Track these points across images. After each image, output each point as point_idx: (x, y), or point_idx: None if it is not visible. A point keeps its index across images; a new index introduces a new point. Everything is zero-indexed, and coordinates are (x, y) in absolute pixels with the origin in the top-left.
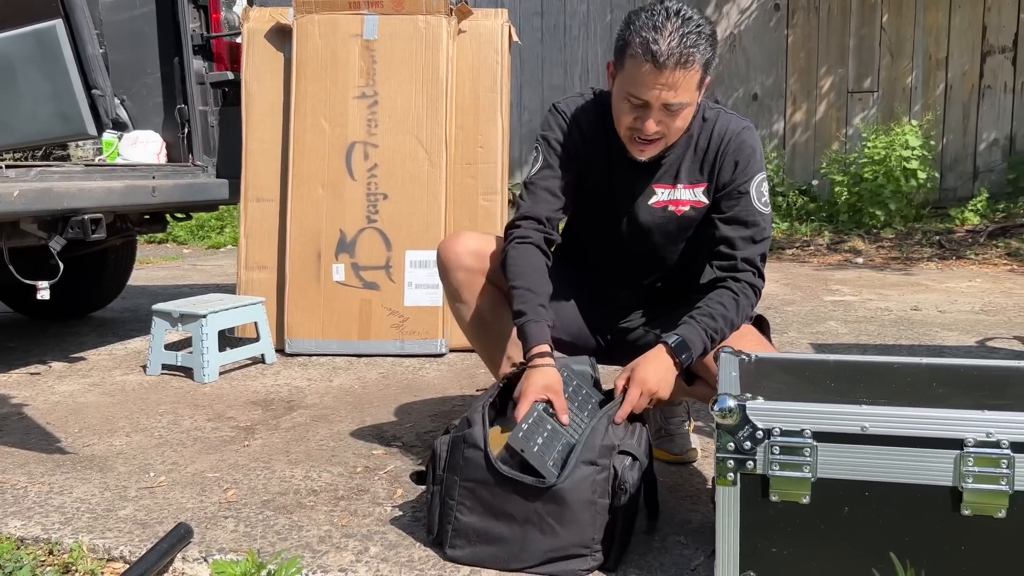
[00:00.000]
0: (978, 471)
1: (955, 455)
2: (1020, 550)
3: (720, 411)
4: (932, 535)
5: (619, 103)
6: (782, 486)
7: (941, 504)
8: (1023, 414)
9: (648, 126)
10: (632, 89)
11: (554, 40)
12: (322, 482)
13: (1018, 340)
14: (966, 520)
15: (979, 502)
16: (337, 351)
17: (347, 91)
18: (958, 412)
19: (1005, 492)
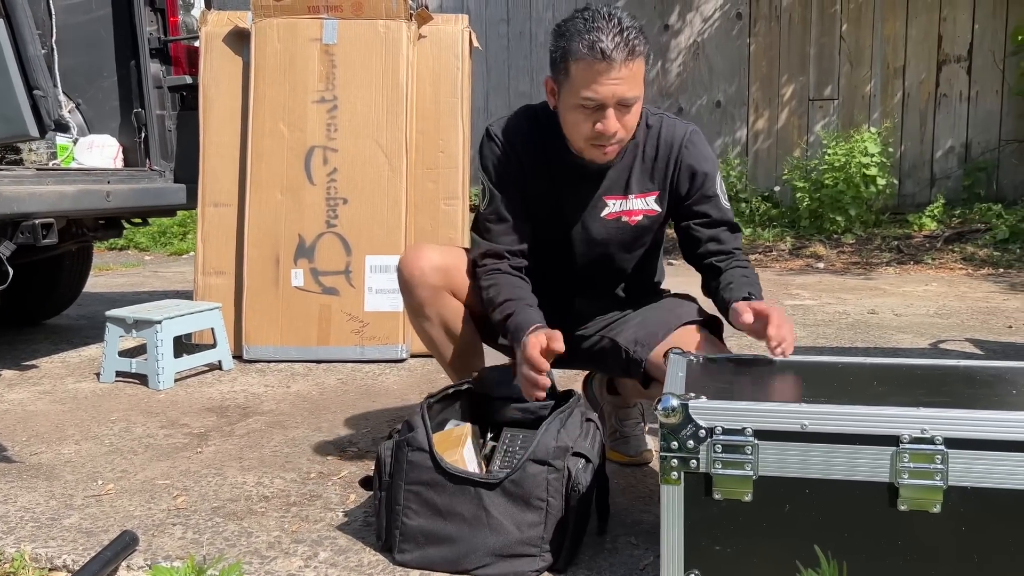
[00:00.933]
0: (913, 467)
1: (891, 451)
2: (954, 544)
3: (664, 410)
4: (870, 530)
5: (571, 114)
6: (725, 484)
7: (879, 500)
8: (957, 410)
9: (609, 125)
10: (585, 92)
11: (520, 47)
12: (274, 488)
13: (969, 342)
14: (903, 515)
15: (915, 497)
16: (296, 357)
17: (306, 95)
18: (894, 409)
19: (940, 487)
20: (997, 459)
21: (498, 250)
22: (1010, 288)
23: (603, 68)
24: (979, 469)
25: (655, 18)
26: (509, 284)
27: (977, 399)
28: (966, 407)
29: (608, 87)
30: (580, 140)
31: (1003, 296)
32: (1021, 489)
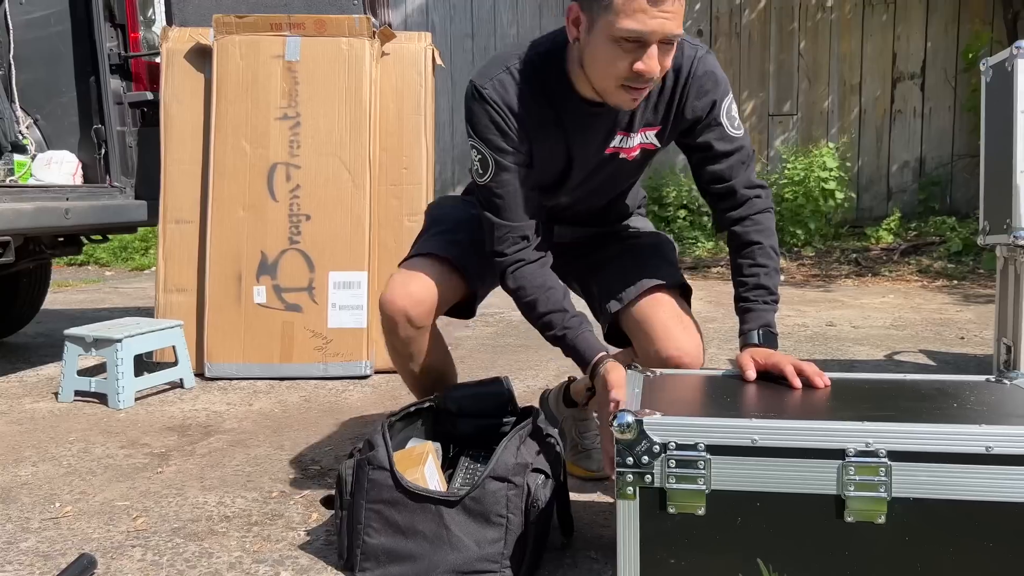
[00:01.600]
0: (859, 479)
1: (838, 465)
2: (899, 553)
3: (619, 427)
4: (819, 542)
5: (606, 49)
6: (679, 498)
7: (826, 512)
8: (900, 424)
9: (652, 64)
10: (628, 26)
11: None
12: (236, 508)
13: (923, 353)
14: (849, 526)
15: (861, 509)
16: (258, 374)
17: (269, 112)
18: (840, 424)
19: (884, 499)
20: (937, 471)
21: (517, 233)
22: (963, 300)
23: (645, 12)
24: (921, 480)
25: None
26: (544, 291)
27: (920, 412)
28: (908, 421)
29: (658, 20)
30: (610, 80)
31: (956, 308)
32: (959, 499)
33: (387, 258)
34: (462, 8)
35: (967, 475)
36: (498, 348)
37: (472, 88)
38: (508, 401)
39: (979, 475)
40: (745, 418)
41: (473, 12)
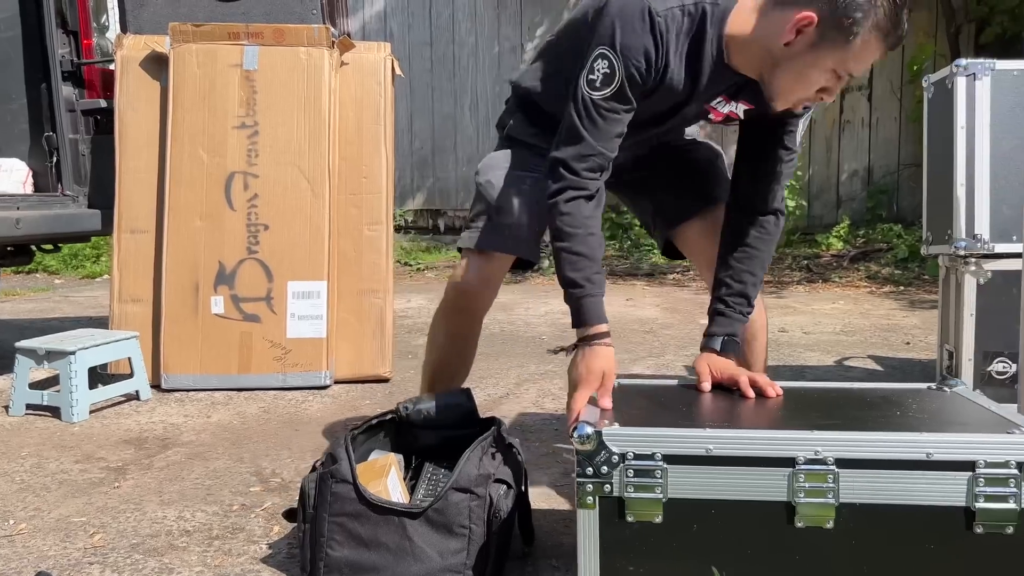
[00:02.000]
0: (808, 486)
1: (788, 472)
2: (846, 557)
3: (579, 438)
4: (771, 547)
5: (812, 74)
6: (637, 507)
7: (778, 518)
8: (846, 433)
9: (829, 99)
10: (850, 66)
11: (443, 70)
12: (196, 522)
13: (871, 359)
14: (800, 532)
15: (810, 514)
16: (216, 385)
17: (226, 121)
18: (790, 433)
19: (832, 504)
20: (882, 477)
21: (600, 160)
22: (909, 305)
23: (881, 53)
24: (867, 486)
25: None
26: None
27: (865, 421)
28: (855, 429)
29: (866, 66)
30: (792, 95)
31: (903, 313)
32: (903, 504)
33: (347, 267)
34: (420, 16)
35: (910, 480)
36: None
37: (644, 10)
38: (470, 412)
39: (920, 480)
40: (700, 428)
41: (432, 20)
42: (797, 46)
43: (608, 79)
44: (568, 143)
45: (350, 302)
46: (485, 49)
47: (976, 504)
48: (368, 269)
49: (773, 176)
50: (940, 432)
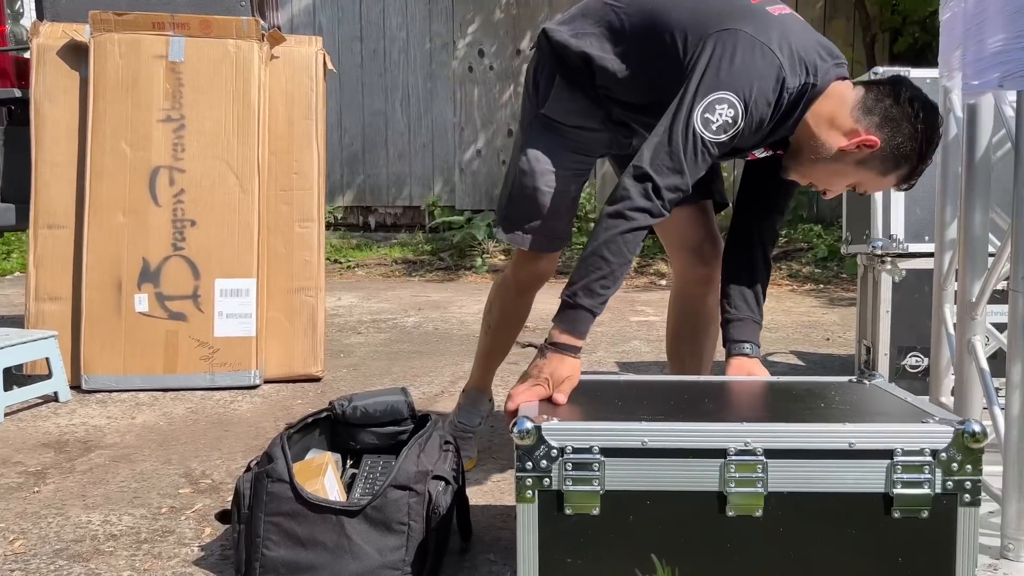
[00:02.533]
0: (739, 476)
1: (720, 463)
2: (775, 543)
3: (519, 433)
4: (703, 536)
5: (843, 180)
6: (575, 500)
7: (710, 508)
8: (774, 424)
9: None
10: (873, 187)
11: (374, 65)
12: (123, 526)
13: (793, 354)
14: (730, 520)
15: (740, 503)
16: (140, 386)
17: (151, 114)
18: (722, 425)
19: (761, 493)
20: (808, 466)
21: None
22: (828, 303)
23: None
24: (793, 475)
25: (508, 42)
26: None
27: (792, 413)
28: (782, 421)
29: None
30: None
31: (823, 310)
32: (827, 491)
33: (277, 265)
34: (350, 10)
35: (834, 469)
36: (392, 355)
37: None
38: (407, 409)
39: (844, 468)
40: (636, 422)
41: (362, 15)
42: (848, 156)
43: (727, 127)
44: (666, 168)
45: (280, 300)
46: (416, 45)
47: (894, 490)
48: (299, 266)
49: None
50: (861, 423)
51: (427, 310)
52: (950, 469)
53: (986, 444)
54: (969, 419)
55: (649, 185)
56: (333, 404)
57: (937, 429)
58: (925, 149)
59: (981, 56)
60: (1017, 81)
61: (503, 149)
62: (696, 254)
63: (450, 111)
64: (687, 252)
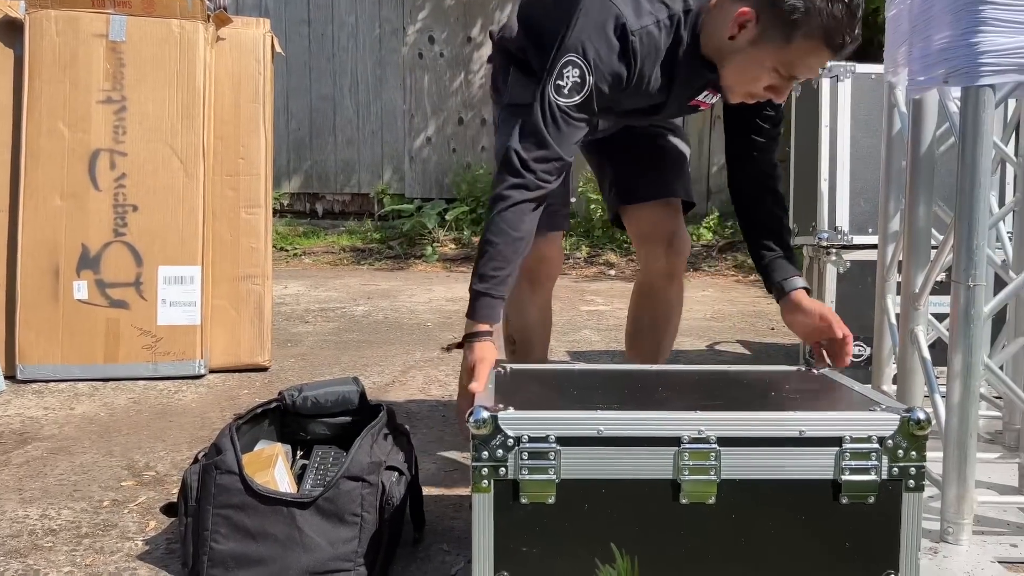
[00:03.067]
0: (692, 464)
1: (674, 451)
2: (727, 530)
3: (475, 423)
4: (658, 523)
5: (756, 69)
6: (531, 489)
7: (664, 495)
8: (727, 413)
9: (781, 97)
10: (794, 68)
11: (322, 49)
12: (62, 520)
13: (739, 343)
14: (684, 508)
15: (694, 491)
16: (80, 376)
17: (90, 95)
18: (676, 413)
19: (714, 481)
20: (759, 454)
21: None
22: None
23: (826, 57)
24: (745, 463)
25: (458, 29)
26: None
27: (744, 401)
28: (735, 409)
29: (816, 72)
30: (741, 88)
31: (767, 300)
32: (779, 479)
33: (222, 252)
34: None
35: (784, 456)
36: (341, 344)
37: (619, 27)
38: (359, 399)
39: (794, 456)
40: (591, 410)
41: None
42: (739, 41)
43: (577, 88)
44: (532, 142)
45: (226, 288)
46: (365, 30)
47: (842, 477)
48: (245, 254)
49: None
50: (811, 411)
51: (376, 299)
52: (896, 456)
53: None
54: (914, 407)
55: (516, 161)
56: (283, 394)
57: (884, 417)
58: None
59: (927, 52)
60: (962, 78)
61: (453, 137)
62: (661, 247)
63: (400, 98)
64: (652, 245)
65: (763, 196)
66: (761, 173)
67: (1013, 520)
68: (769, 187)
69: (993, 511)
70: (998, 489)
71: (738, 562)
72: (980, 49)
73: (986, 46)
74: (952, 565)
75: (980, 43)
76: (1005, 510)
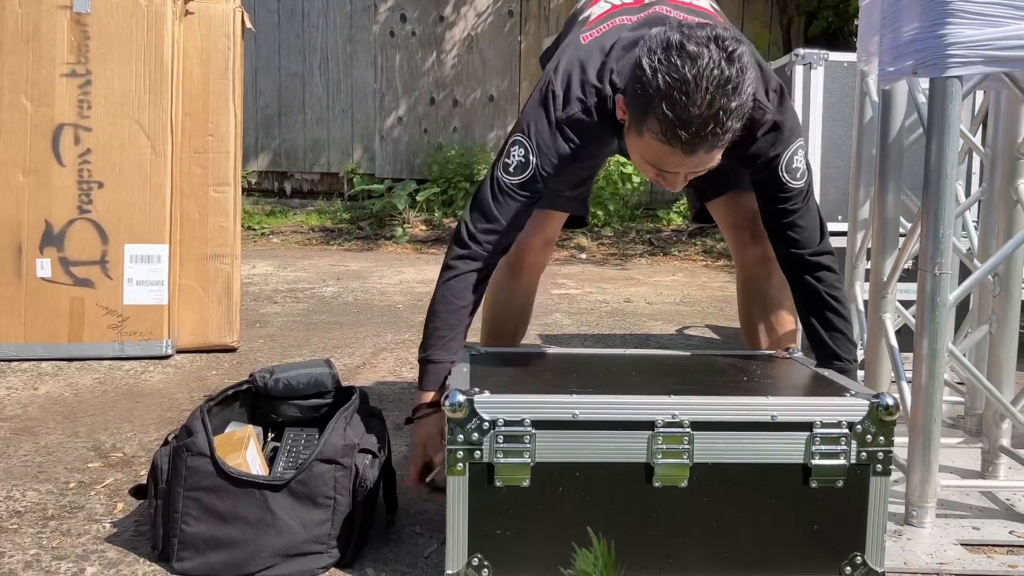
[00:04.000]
0: (666, 448)
1: (648, 435)
2: (699, 513)
3: (451, 406)
4: (631, 506)
5: (638, 159)
6: (505, 472)
7: (637, 478)
8: (701, 397)
9: (675, 187)
10: (658, 162)
11: (291, 26)
12: (27, 502)
13: (709, 328)
14: (657, 491)
15: (667, 474)
16: (43, 355)
17: (53, 68)
18: (650, 397)
19: (687, 464)
20: (732, 438)
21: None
22: None
23: (677, 155)
24: (718, 447)
25: (431, 8)
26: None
27: (717, 386)
28: (707, 394)
29: (681, 168)
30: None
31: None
32: (750, 462)
33: (190, 230)
34: None
35: (756, 440)
36: (311, 326)
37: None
38: (331, 382)
39: (766, 440)
40: (566, 394)
41: None
42: (626, 127)
43: (521, 168)
44: (479, 214)
45: (193, 267)
46: (336, 7)
47: (812, 461)
48: (214, 232)
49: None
50: (783, 396)
51: (346, 280)
52: (864, 441)
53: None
54: (883, 393)
55: (464, 232)
56: (254, 376)
57: (853, 403)
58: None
59: (897, 43)
60: (930, 69)
61: (425, 117)
62: (747, 232)
63: (370, 76)
64: (739, 231)
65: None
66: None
67: (975, 504)
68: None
69: (956, 495)
70: (960, 473)
71: (709, 544)
72: (948, 41)
73: (954, 38)
74: (916, 547)
75: (948, 35)
76: (967, 494)
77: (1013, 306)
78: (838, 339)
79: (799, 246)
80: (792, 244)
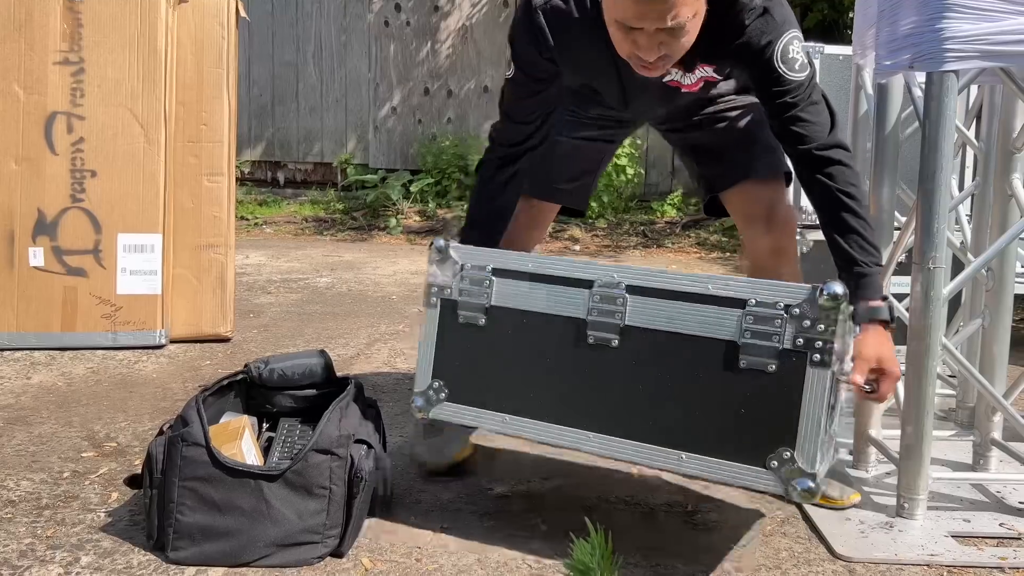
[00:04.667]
0: (602, 306)
1: (587, 292)
2: (628, 375)
3: (435, 249)
4: (567, 356)
5: (610, 27)
6: (466, 309)
7: (575, 332)
8: (641, 267)
9: (647, 54)
10: (619, 15)
11: (285, 14)
12: (21, 491)
13: None
14: (591, 347)
15: (600, 333)
16: (36, 344)
17: (46, 55)
18: (596, 263)
19: (617, 325)
20: (665, 305)
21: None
22: (735, 271)
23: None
24: (651, 312)
25: None
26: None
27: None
28: None
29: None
30: (622, 53)
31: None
32: (681, 332)
33: (184, 220)
34: None
35: (689, 311)
36: (304, 316)
37: (533, 4)
38: (325, 372)
39: (698, 312)
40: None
41: None
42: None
43: (516, 59)
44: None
45: (187, 257)
46: None
47: (742, 339)
48: (207, 222)
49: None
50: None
51: (340, 270)
52: (801, 325)
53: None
54: (833, 280)
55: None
56: (249, 366)
57: (795, 287)
58: None
59: (894, 37)
60: (927, 63)
61: (419, 107)
62: (760, 224)
63: (365, 66)
64: (752, 223)
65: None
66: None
67: (966, 496)
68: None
69: (947, 487)
70: (952, 466)
71: (637, 412)
72: (945, 35)
73: (951, 32)
74: (907, 539)
75: (945, 29)
76: (958, 486)
77: (1006, 300)
78: (854, 240)
79: (805, 141)
80: (797, 140)
